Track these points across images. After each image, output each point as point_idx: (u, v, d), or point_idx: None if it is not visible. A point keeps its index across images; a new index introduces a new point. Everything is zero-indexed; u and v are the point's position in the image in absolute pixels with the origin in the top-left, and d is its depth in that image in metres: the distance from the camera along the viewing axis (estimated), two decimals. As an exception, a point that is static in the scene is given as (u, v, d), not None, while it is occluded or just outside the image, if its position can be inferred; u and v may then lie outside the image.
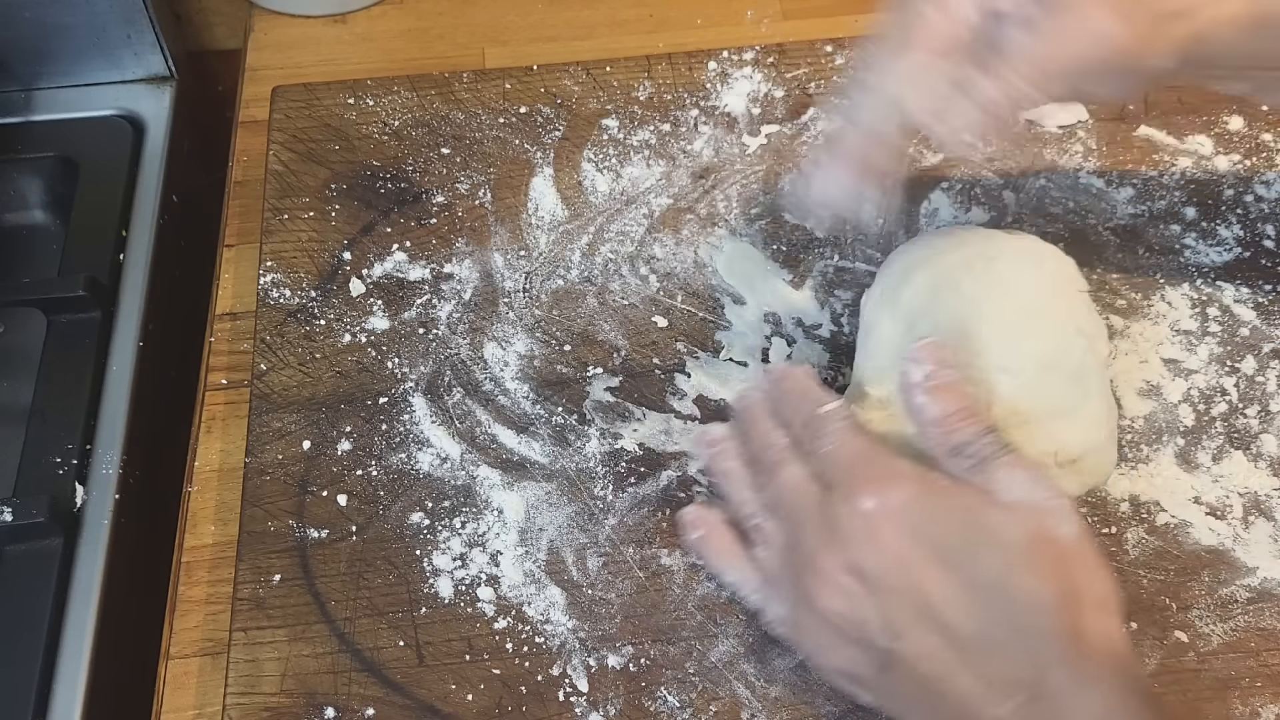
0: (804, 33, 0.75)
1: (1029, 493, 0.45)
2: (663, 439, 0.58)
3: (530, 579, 0.54)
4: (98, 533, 0.61)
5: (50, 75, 0.78)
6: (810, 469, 0.49)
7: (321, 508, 0.56)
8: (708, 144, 0.68)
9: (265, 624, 0.53)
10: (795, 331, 0.61)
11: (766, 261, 0.64)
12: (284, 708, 0.51)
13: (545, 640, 0.52)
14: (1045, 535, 0.44)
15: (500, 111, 0.70)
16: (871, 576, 0.45)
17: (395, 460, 0.57)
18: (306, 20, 0.78)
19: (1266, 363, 0.60)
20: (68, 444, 0.63)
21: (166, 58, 0.79)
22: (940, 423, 0.48)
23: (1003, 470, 0.46)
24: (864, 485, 0.46)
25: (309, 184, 0.67)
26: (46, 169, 0.75)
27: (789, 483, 0.49)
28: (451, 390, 0.59)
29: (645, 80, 0.71)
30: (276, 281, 0.63)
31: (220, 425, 0.61)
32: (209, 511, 0.59)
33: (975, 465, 0.47)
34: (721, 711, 0.50)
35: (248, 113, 0.74)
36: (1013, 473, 0.46)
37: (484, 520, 0.55)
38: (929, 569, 0.44)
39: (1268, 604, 0.53)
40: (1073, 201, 0.66)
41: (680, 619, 0.53)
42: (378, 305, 0.62)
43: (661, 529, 0.55)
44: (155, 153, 0.76)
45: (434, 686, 0.51)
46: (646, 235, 0.65)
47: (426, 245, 0.64)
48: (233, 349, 0.63)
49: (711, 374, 0.60)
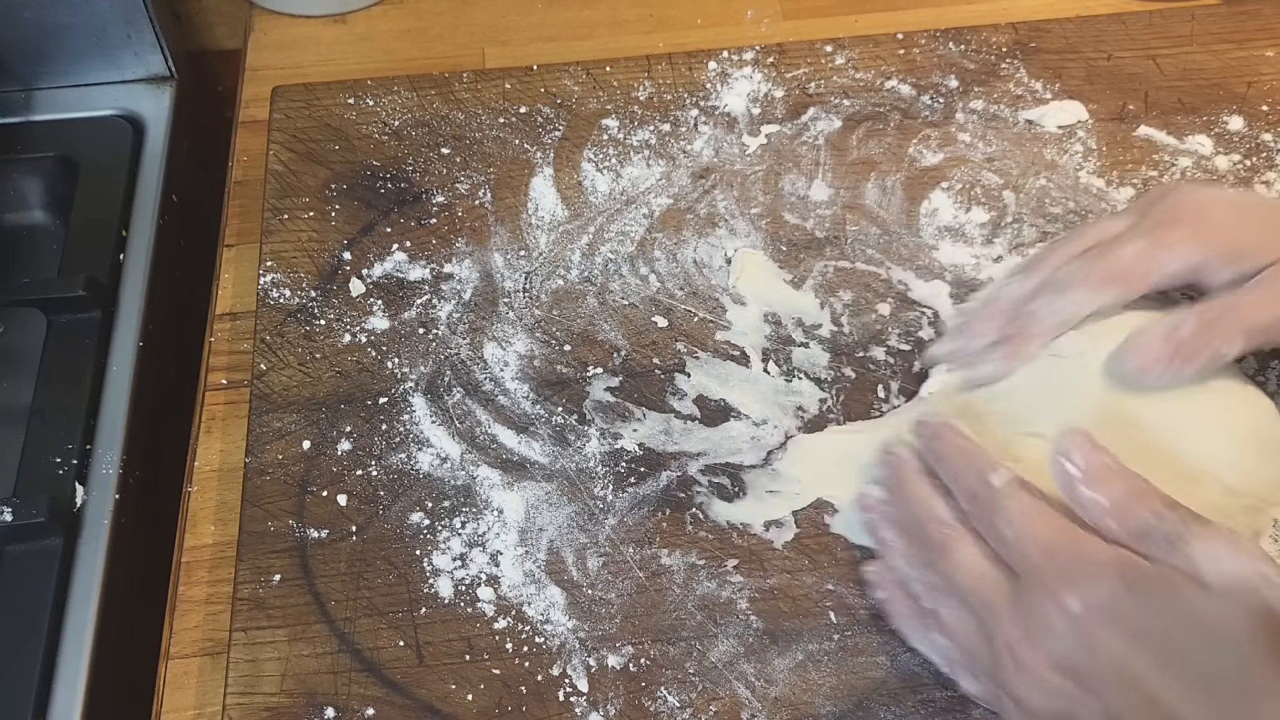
0: (804, 33, 0.75)
1: (1234, 566, 0.41)
2: (663, 439, 0.58)
3: (530, 579, 0.54)
4: (98, 533, 0.61)
5: (50, 75, 0.78)
6: (987, 550, 0.46)
7: (321, 508, 0.56)
8: (708, 144, 0.68)
9: (265, 624, 0.53)
10: (795, 331, 0.61)
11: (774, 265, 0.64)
12: (284, 708, 0.51)
13: (545, 640, 0.52)
14: (1264, 617, 0.40)
15: (500, 111, 0.70)
16: (1085, 676, 0.42)
17: (395, 460, 0.57)
18: (306, 20, 0.78)
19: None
20: (68, 444, 0.63)
21: (166, 58, 0.79)
22: (1115, 512, 0.44)
23: (1199, 544, 0.42)
24: (1064, 582, 0.43)
25: (309, 184, 0.67)
26: (46, 169, 0.75)
27: (968, 568, 0.46)
28: (451, 390, 0.59)
29: (645, 80, 0.71)
30: (276, 281, 0.63)
31: (220, 425, 0.61)
32: (209, 511, 0.59)
33: (1169, 547, 0.42)
34: (721, 711, 0.50)
35: (248, 113, 0.74)
36: (1210, 546, 0.42)
37: (484, 520, 0.55)
38: (1147, 666, 0.41)
39: (1268, 604, 0.53)
40: (1073, 201, 0.66)
41: (680, 619, 0.53)
42: (378, 305, 0.62)
43: (661, 529, 0.55)
44: (155, 153, 0.76)
45: (434, 686, 0.51)
46: (646, 235, 0.65)
47: (426, 245, 0.64)
48: (233, 349, 0.63)
49: (711, 374, 0.60)
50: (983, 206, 0.66)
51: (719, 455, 0.57)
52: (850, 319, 0.62)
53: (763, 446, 0.57)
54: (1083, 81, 0.70)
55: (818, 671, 0.51)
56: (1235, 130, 0.68)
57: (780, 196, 0.66)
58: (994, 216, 0.65)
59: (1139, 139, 0.68)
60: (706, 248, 0.64)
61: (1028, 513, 0.46)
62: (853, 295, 0.62)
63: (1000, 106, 0.70)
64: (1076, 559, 0.44)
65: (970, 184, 0.67)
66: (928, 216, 0.65)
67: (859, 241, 0.64)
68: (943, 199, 0.66)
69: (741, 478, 0.57)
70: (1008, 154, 0.68)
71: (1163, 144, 0.68)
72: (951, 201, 0.66)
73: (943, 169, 0.67)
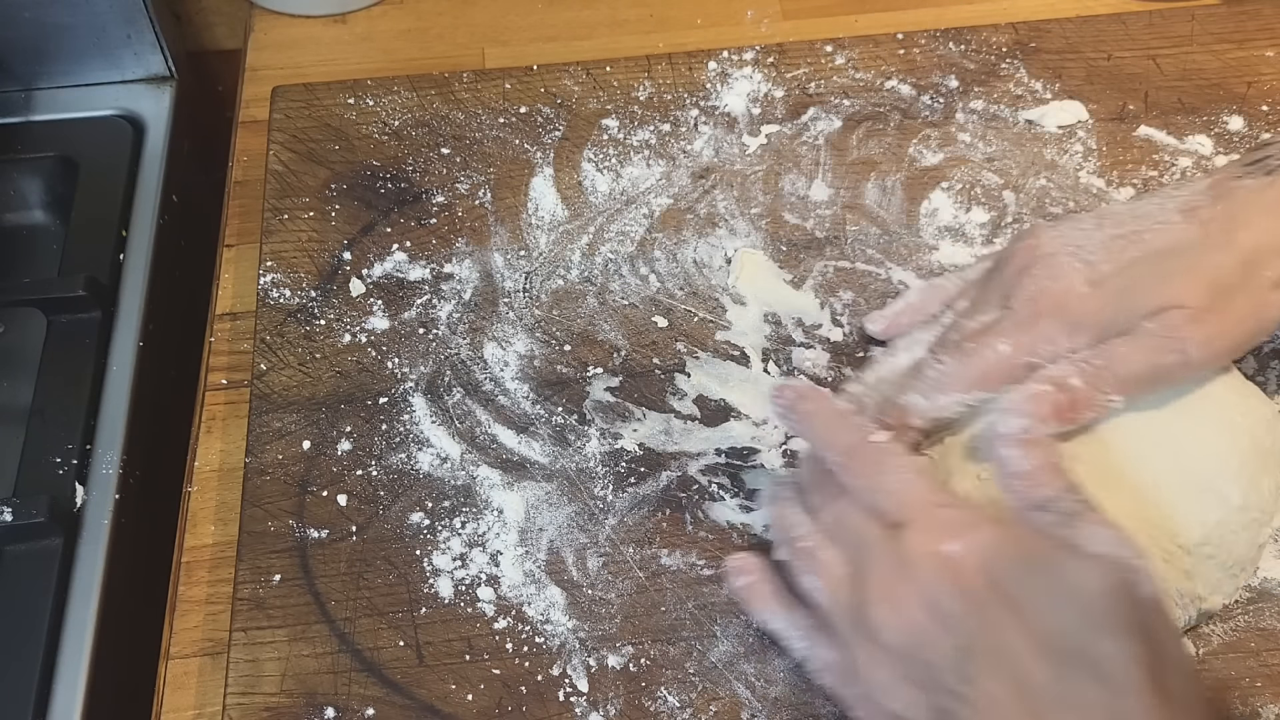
0: (804, 33, 0.75)
1: (1108, 546, 0.44)
2: (663, 439, 0.58)
3: (530, 579, 0.54)
4: (98, 533, 0.61)
5: (50, 75, 0.78)
6: (868, 502, 0.48)
7: (321, 508, 0.56)
8: (708, 144, 0.68)
9: (265, 624, 0.53)
10: (795, 331, 0.61)
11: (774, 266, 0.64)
12: (284, 708, 0.51)
13: (545, 640, 0.52)
14: (1126, 591, 0.42)
15: (500, 111, 0.70)
16: (948, 615, 0.43)
17: (395, 460, 0.57)
18: (306, 20, 0.78)
19: (1267, 363, 0.60)
20: (68, 444, 0.63)
21: (166, 58, 0.79)
22: (1028, 476, 0.46)
23: (1086, 526, 0.45)
24: (944, 529, 0.45)
25: (309, 184, 0.67)
26: (46, 169, 0.75)
27: (852, 512, 0.48)
28: (451, 390, 0.59)
29: (645, 80, 0.71)
30: (276, 281, 0.63)
31: (220, 425, 0.61)
32: (209, 511, 0.59)
33: (1059, 520, 0.45)
34: (721, 711, 0.50)
35: (248, 113, 0.74)
36: (1096, 529, 0.44)
37: (484, 520, 0.55)
38: (1008, 615, 0.42)
39: (1267, 604, 0.53)
40: (1073, 201, 0.66)
41: (680, 619, 0.53)
42: (378, 305, 0.62)
43: (661, 529, 0.55)
44: (155, 153, 0.76)
45: (434, 686, 0.51)
46: (646, 235, 0.65)
47: (426, 245, 0.64)
48: (233, 349, 0.63)
49: (711, 374, 0.60)
50: (983, 206, 0.66)
51: (719, 455, 0.57)
52: (850, 319, 0.62)
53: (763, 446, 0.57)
54: (1083, 81, 0.70)
55: (865, 717, 0.51)
56: (1235, 130, 0.68)
57: (780, 196, 0.66)
58: (994, 216, 0.65)
59: (1139, 139, 0.68)
60: (706, 248, 0.64)
61: (910, 467, 0.48)
62: (853, 295, 0.62)
63: (1000, 106, 0.70)
64: (959, 512, 0.46)
65: (970, 184, 0.67)
66: (928, 216, 0.65)
67: (859, 241, 0.64)
68: (943, 199, 0.66)
69: (742, 478, 0.57)
70: (1008, 154, 0.68)
71: (1163, 144, 0.68)
72: (951, 201, 0.66)
73: (943, 169, 0.67)
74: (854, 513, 0.48)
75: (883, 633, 0.45)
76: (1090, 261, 0.50)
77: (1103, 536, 0.44)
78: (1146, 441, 0.50)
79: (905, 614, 0.44)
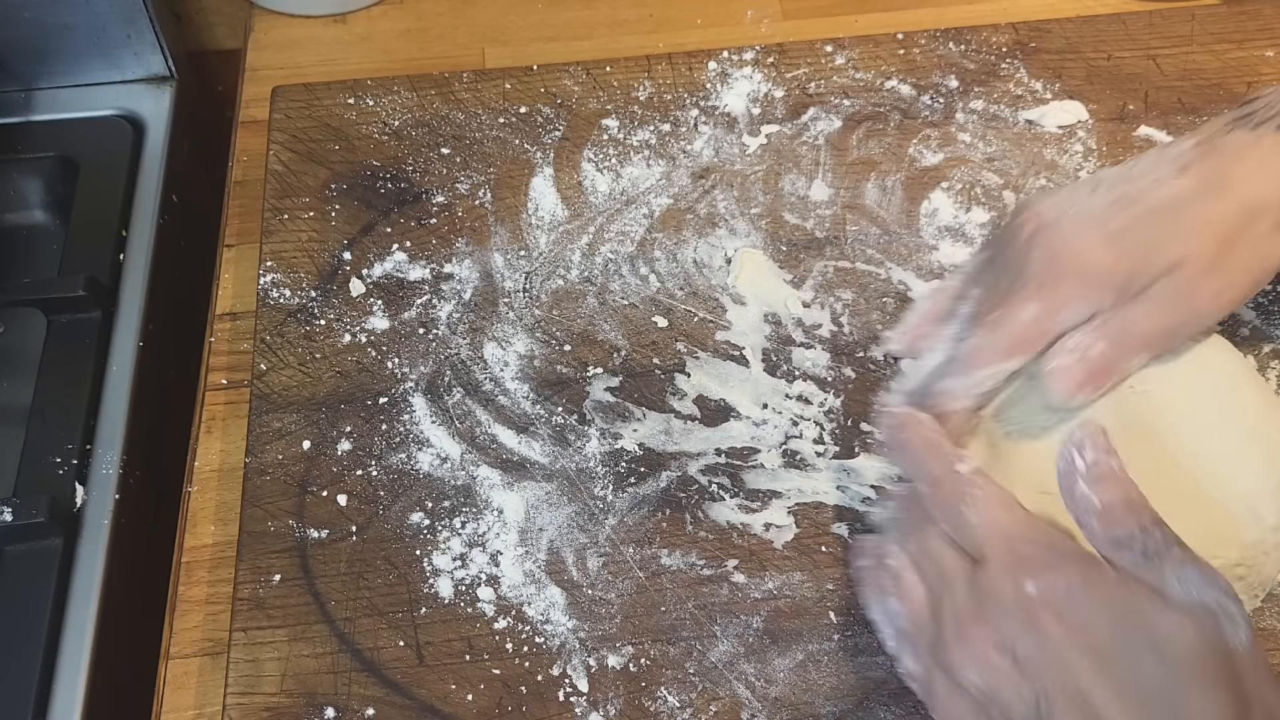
0: (804, 33, 0.75)
1: (1200, 591, 0.41)
2: (663, 439, 0.58)
3: (530, 579, 0.54)
4: (98, 533, 0.61)
5: (50, 75, 0.78)
6: (950, 533, 0.47)
7: (321, 508, 0.56)
8: (708, 144, 0.68)
9: (265, 624, 0.53)
10: (795, 331, 0.61)
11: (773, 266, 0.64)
12: (284, 708, 0.51)
13: (545, 640, 0.52)
14: (1218, 645, 0.40)
15: (500, 111, 0.70)
16: (1025, 660, 0.42)
17: (395, 460, 0.57)
18: (306, 20, 0.78)
19: (1267, 363, 0.60)
20: (68, 444, 0.63)
21: (166, 58, 0.79)
22: (1103, 514, 0.44)
23: (1172, 566, 0.42)
24: (1024, 567, 0.44)
25: (309, 184, 0.67)
26: (46, 169, 0.75)
27: (936, 542, 0.47)
28: (451, 390, 0.59)
29: (645, 80, 0.71)
30: (276, 281, 0.63)
31: (220, 425, 0.61)
32: (209, 511, 0.59)
33: (1142, 561, 0.43)
34: (721, 711, 0.50)
35: (248, 113, 0.74)
36: (1184, 569, 0.42)
37: (484, 520, 0.55)
38: (1089, 665, 0.41)
39: (1268, 604, 0.53)
40: (1073, 201, 0.66)
41: (680, 619, 0.53)
42: (378, 305, 0.62)
43: (661, 529, 0.55)
44: (155, 153, 0.76)
45: (434, 686, 0.51)
46: (646, 235, 0.65)
47: (426, 245, 0.64)
48: (233, 349, 0.63)
49: (711, 374, 0.60)
50: (983, 206, 0.66)
51: (719, 455, 0.57)
52: (850, 319, 0.62)
53: (763, 446, 0.57)
54: (1083, 81, 0.70)
55: (818, 671, 0.51)
56: (1235, 130, 0.68)
57: (780, 196, 0.66)
58: (994, 217, 0.65)
59: (1139, 139, 0.68)
60: (706, 248, 0.64)
61: (993, 500, 0.46)
62: (853, 295, 0.62)
63: (1000, 106, 0.70)
64: (1039, 549, 0.44)
65: (970, 184, 0.67)
66: (928, 216, 0.65)
67: (859, 241, 0.64)
68: (943, 199, 0.66)
69: (741, 478, 0.57)
70: (1008, 154, 0.68)
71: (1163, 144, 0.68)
72: (951, 201, 0.66)
73: (943, 169, 0.67)
74: (937, 543, 0.47)
75: (960, 671, 0.44)
76: (1099, 220, 0.50)
77: (1192, 577, 0.42)
78: (1185, 466, 0.50)
79: (982, 656, 0.44)
